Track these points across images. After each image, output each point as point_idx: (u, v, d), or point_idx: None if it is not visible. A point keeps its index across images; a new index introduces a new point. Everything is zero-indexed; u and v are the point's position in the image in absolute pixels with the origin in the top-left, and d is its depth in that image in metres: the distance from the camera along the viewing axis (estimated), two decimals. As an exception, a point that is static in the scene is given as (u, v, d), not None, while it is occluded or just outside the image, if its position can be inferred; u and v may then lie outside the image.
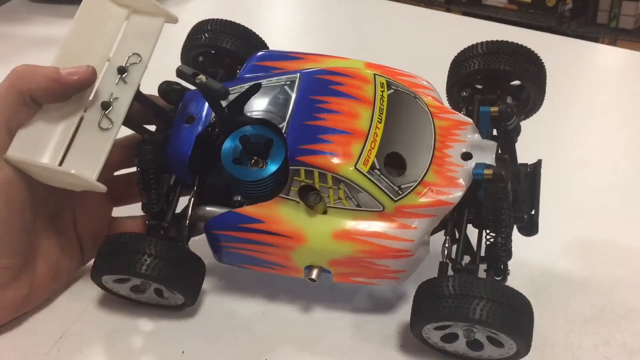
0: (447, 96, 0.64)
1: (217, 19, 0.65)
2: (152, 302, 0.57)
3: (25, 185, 0.52)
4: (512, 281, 0.62)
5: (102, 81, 0.52)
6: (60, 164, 0.50)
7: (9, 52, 1.16)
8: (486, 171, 0.49)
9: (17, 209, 0.52)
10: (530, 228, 0.54)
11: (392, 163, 0.52)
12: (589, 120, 0.96)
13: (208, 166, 0.56)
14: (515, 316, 0.47)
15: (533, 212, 0.53)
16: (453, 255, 0.52)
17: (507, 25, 1.40)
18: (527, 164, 0.56)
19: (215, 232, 0.53)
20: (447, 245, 0.53)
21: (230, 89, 0.53)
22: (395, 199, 0.50)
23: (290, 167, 0.50)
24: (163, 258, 0.51)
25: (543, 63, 0.61)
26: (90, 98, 0.52)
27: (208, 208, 0.55)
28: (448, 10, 2.57)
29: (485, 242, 0.53)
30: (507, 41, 0.60)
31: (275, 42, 1.30)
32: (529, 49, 0.60)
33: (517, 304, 0.48)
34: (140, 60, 0.52)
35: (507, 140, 0.54)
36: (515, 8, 2.58)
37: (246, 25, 0.68)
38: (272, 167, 0.51)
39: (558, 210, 0.71)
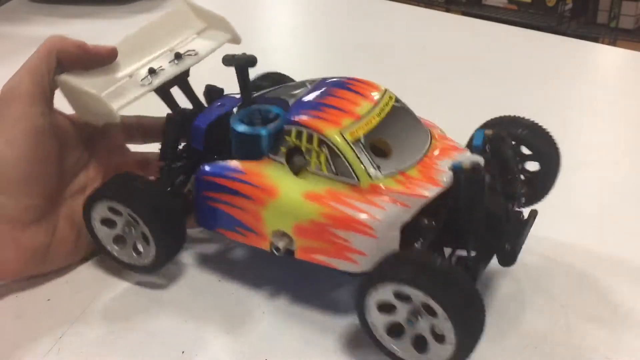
0: None
1: (279, 73, 0.72)
2: (124, 259, 0.60)
3: (57, 141, 0.59)
4: (512, 281, 0.62)
5: (158, 58, 0.61)
6: None
7: (9, 52, 1.16)
8: (465, 164, 0.50)
9: (47, 155, 0.58)
10: (508, 259, 0.53)
11: (378, 152, 0.54)
12: (589, 120, 0.96)
13: (220, 146, 0.61)
14: (463, 299, 0.46)
15: (516, 248, 0.53)
16: None
17: (507, 25, 1.40)
18: (521, 211, 0.56)
19: (203, 178, 0.58)
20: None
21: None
22: (372, 176, 0.52)
23: (284, 127, 0.55)
24: (155, 198, 0.57)
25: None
26: (143, 67, 0.60)
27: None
28: (448, 10, 2.58)
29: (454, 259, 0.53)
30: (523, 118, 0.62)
31: (276, 41, 1.30)
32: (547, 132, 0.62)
33: (473, 295, 0.47)
34: (196, 54, 0.62)
35: (502, 169, 0.54)
36: (515, 8, 2.58)
37: (246, 26, 0.69)
38: (268, 129, 0.56)
39: (558, 210, 0.71)
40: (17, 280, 0.60)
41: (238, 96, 0.63)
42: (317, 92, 0.57)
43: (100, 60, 0.58)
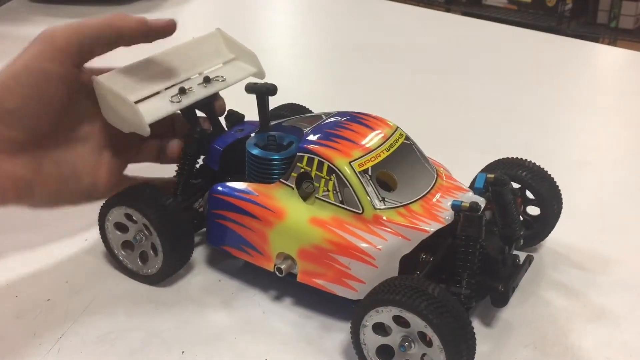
0: None
1: (298, 104, 0.75)
2: (128, 265, 0.62)
3: (66, 91, 0.59)
4: (512, 281, 0.62)
5: (188, 80, 0.65)
6: None
7: (9, 52, 1.16)
8: (464, 204, 0.51)
9: (47, 99, 0.58)
10: (500, 300, 0.54)
11: (385, 185, 0.56)
12: (589, 120, 0.96)
13: (235, 168, 0.64)
14: (461, 336, 0.46)
15: (509, 290, 0.54)
16: None
17: (507, 26, 1.40)
18: (518, 255, 0.57)
19: (215, 196, 0.60)
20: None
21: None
22: (376, 207, 0.54)
23: (297, 154, 0.56)
24: (172, 213, 0.59)
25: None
26: (173, 86, 0.64)
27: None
28: (448, 10, 2.58)
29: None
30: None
31: (276, 41, 1.30)
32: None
33: (467, 325, 0.47)
34: (224, 80, 0.66)
35: (502, 212, 0.55)
36: (515, 8, 2.58)
37: (246, 26, 0.69)
38: (281, 155, 0.59)
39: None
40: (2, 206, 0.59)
41: (257, 123, 0.66)
42: (331, 124, 0.59)
43: (161, 32, 0.61)
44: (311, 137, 0.57)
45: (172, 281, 0.62)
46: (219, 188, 0.60)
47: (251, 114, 0.67)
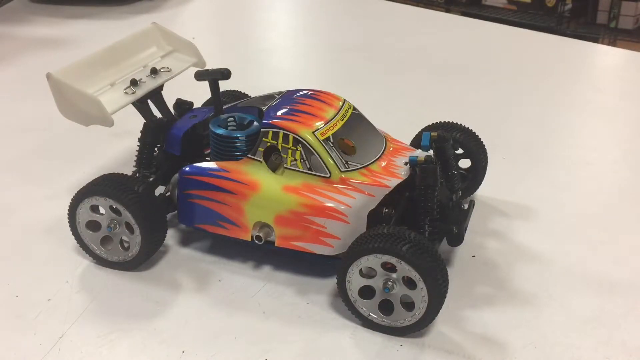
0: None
1: (237, 91, 0.80)
2: (114, 259, 0.63)
3: None
4: (511, 280, 0.62)
5: (137, 72, 0.68)
6: None
7: (9, 52, 1.16)
8: (419, 158, 0.58)
9: None
10: (456, 239, 0.61)
11: (345, 149, 0.62)
12: (589, 120, 0.96)
13: (194, 153, 0.67)
14: (438, 269, 0.53)
15: (462, 231, 0.60)
16: None
17: (506, 26, 1.40)
18: (462, 202, 0.63)
19: (186, 177, 0.63)
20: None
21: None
22: (342, 170, 0.59)
23: (261, 130, 0.60)
24: (145, 197, 0.61)
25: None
26: (122, 79, 0.67)
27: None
28: (448, 10, 2.58)
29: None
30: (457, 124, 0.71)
31: (276, 41, 1.29)
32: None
33: (441, 261, 0.54)
34: (170, 71, 0.69)
35: (445, 166, 0.62)
36: (515, 8, 2.58)
37: (246, 26, 0.70)
38: (246, 132, 0.63)
39: (558, 210, 0.71)
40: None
41: (207, 109, 0.70)
42: (287, 101, 0.64)
43: None
44: (273, 114, 0.61)
45: (172, 282, 0.62)
46: (189, 169, 0.62)
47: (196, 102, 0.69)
